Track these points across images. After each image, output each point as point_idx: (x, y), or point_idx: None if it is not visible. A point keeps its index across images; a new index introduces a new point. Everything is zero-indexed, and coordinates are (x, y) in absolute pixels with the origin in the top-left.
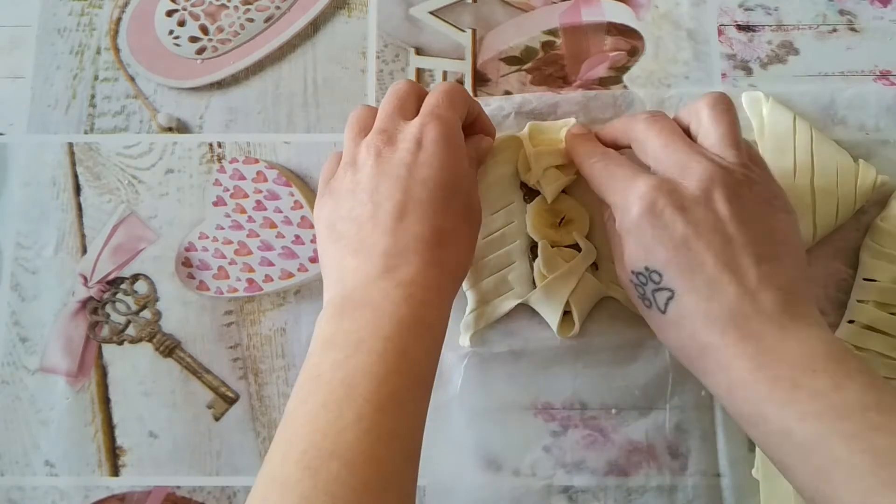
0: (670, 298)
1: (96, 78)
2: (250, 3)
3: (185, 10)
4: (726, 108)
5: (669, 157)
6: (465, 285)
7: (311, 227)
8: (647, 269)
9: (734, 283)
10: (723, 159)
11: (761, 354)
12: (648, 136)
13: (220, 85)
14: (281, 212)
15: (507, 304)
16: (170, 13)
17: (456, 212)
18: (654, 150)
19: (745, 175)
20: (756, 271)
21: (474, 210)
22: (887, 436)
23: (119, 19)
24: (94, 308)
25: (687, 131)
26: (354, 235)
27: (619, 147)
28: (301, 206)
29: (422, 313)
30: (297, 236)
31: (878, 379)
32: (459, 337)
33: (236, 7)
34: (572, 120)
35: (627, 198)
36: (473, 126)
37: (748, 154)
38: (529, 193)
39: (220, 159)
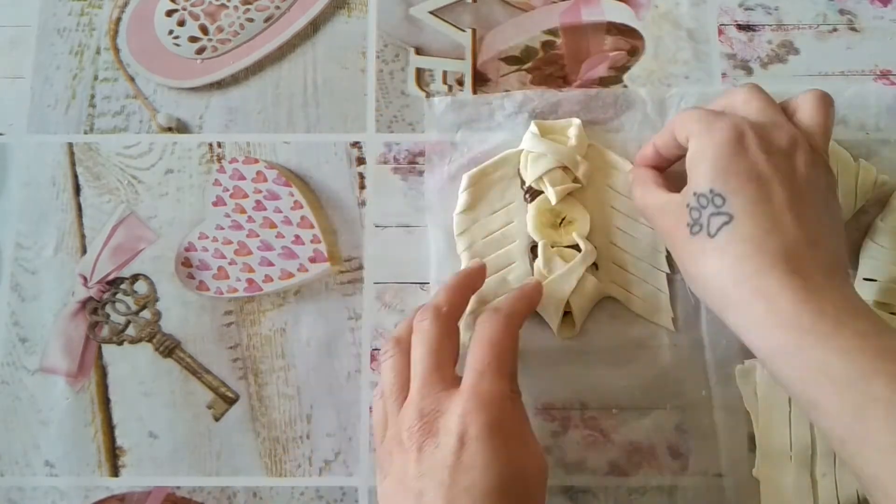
0: (726, 223)
1: (96, 78)
2: (250, 3)
3: (184, 10)
4: (830, 103)
5: (763, 112)
6: None
7: (311, 227)
8: (712, 191)
9: (797, 227)
10: (812, 138)
11: (808, 290)
12: (750, 97)
13: (219, 85)
14: (281, 212)
15: None
16: (169, 13)
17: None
18: (751, 108)
19: (824, 160)
20: (818, 228)
21: (536, 488)
22: None
23: (119, 19)
24: (93, 308)
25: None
26: None
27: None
28: (301, 206)
29: None
30: (297, 236)
31: None
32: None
33: (236, 7)
34: (576, 120)
35: (714, 124)
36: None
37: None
38: (530, 193)
39: (219, 159)
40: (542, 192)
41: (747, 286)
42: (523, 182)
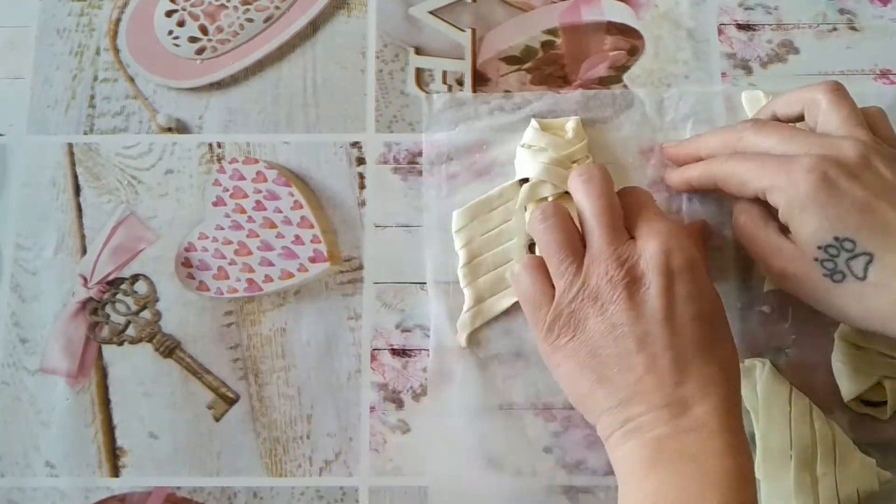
0: (869, 262)
1: (96, 78)
2: (250, 3)
3: (184, 10)
4: (844, 93)
5: (807, 141)
6: (462, 283)
7: (311, 226)
8: (836, 238)
9: None
10: (859, 137)
11: None
12: (757, 140)
13: (219, 85)
14: (281, 212)
15: (505, 301)
16: (169, 13)
17: (727, 336)
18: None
19: (885, 149)
20: None
21: (725, 317)
22: None
23: (118, 20)
24: (93, 309)
25: (793, 120)
26: (634, 385)
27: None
28: (301, 206)
29: (742, 463)
30: (297, 236)
31: None
32: (457, 336)
33: (236, 7)
34: (575, 117)
35: (793, 174)
36: None
37: (873, 135)
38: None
39: (219, 159)
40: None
41: None
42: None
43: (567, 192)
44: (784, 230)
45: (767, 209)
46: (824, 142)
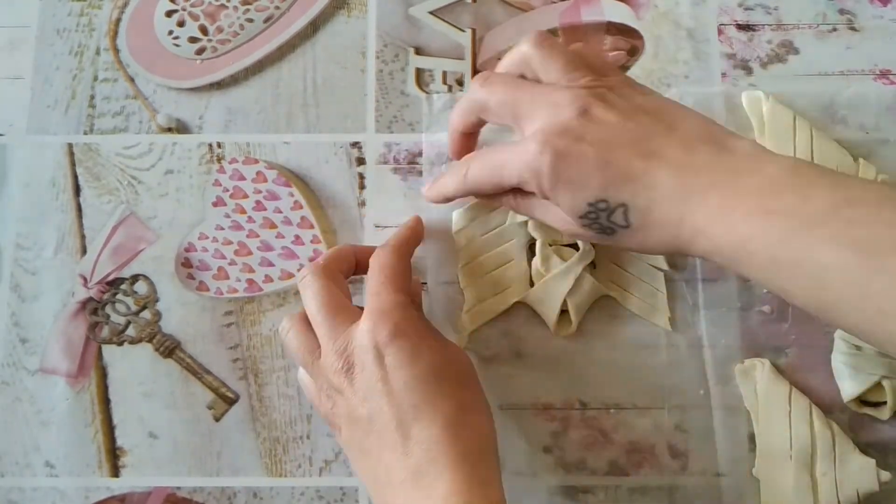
0: (626, 210)
1: (96, 78)
2: (250, 4)
3: (184, 10)
4: (552, 41)
5: (534, 105)
6: (461, 283)
7: (311, 227)
8: (589, 204)
9: (665, 165)
10: (578, 83)
11: (728, 199)
12: (499, 99)
13: (219, 85)
14: (281, 212)
15: (505, 301)
16: (169, 13)
17: (451, 390)
18: (516, 108)
19: (607, 83)
20: (678, 140)
21: (466, 367)
22: (864, 226)
23: (118, 20)
24: (93, 309)
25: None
26: (376, 468)
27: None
28: (301, 207)
29: None
30: (297, 236)
31: (841, 176)
32: (456, 338)
33: (236, 7)
34: None
35: (529, 161)
36: (361, 264)
37: (596, 66)
38: None
39: (219, 159)
40: None
41: (685, 228)
42: None
43: None
44: None
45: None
46: (549, 101)
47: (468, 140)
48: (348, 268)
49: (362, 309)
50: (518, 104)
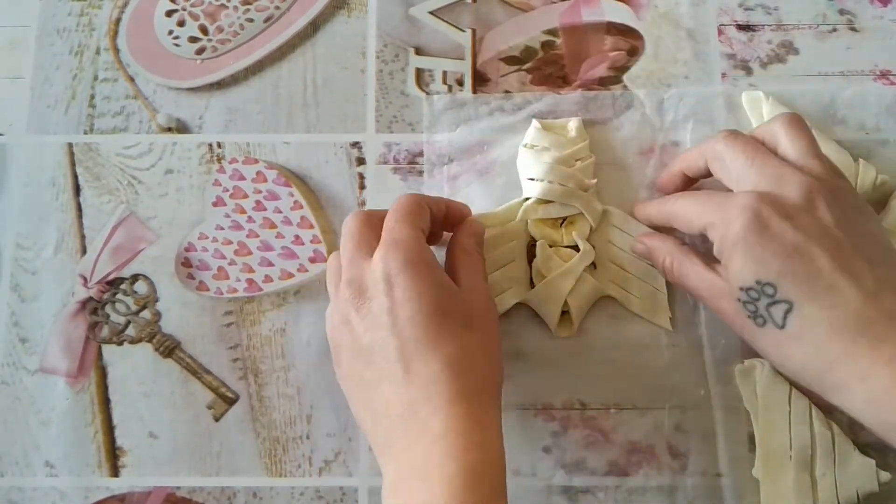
0: (788, 311)
1: (96, 78)
2: (250, 3)
3: (184, 10)
4: (803, 124)
5: (760, 171)
6: None
7: (311, 227)
8: (758, 282)
9: (854, 288)
10: (811, 170)
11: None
12: (732, 153)
13: (219, 85)
14: (280, 212)
15: (506, 302)
16: (169, 13)
17: (457, 330)
18: (741, 167)
19: (837, 184)
20: (871, 275)
21: (479, 312)
22: None
23: (118, 20)
24: (93, 308)
25: None
26: (378, 399)
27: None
28: (301, 207)
29: (469, 461)
30: (297, 236)
31: None
32: None
33: (236, 7)
34: (577, 118)
35: (728, 212)
36: (448, 218)
37: (830, 165)
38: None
39: (219, 159)
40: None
41: (838, 372)
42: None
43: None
44: (714, 266)
45: (693, 249)
46: (777, 174)
47: (686, 183)
48: (426, 220)
49: None
50: (750, 166)
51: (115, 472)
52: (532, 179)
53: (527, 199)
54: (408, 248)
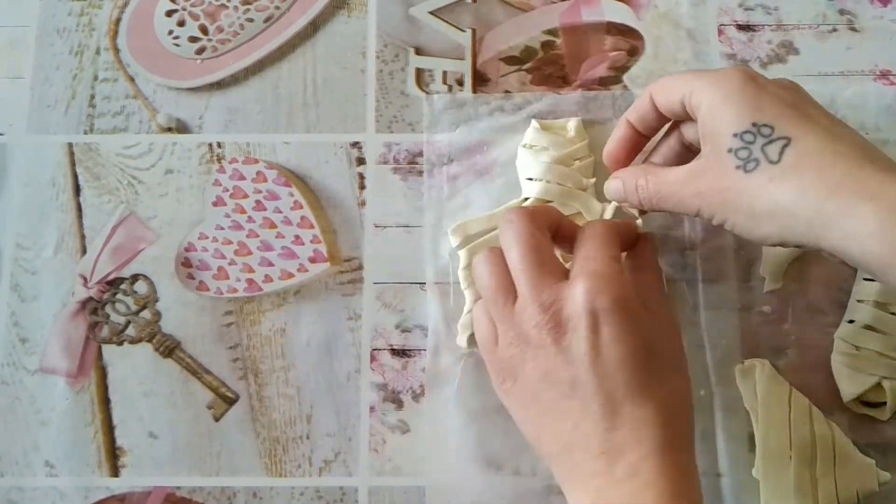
0: (786, 146)
1: (96, 78)
2: (250, 3)
3: (184, 10)
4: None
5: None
6: (462, 284)
7: (311, 227)
8: (754, 124)
9: (849, 130)
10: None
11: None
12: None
13: (219, 85)
14: (280, 212)
15: None
16: (169, 13)
17: (666, 375)
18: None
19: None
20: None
21: (680, 353)
22: None
23: (118, 19)
24: (93, 308)
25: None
26: (571, 432)
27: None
28: (301, 207)
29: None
30: (297, 236)
31: None
32: (457, 337)
33: (236, 7)
34: (576, 118)
35: (717, 76)
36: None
37: None
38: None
39: (219, 159)
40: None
41: (844, 192)
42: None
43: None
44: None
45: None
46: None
47: (637, 142)
48: (552, 227)
49: (565, 271)
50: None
51: (114, 472)
52: (531, 179)
53: (526, 199)
54: (613, 283)
